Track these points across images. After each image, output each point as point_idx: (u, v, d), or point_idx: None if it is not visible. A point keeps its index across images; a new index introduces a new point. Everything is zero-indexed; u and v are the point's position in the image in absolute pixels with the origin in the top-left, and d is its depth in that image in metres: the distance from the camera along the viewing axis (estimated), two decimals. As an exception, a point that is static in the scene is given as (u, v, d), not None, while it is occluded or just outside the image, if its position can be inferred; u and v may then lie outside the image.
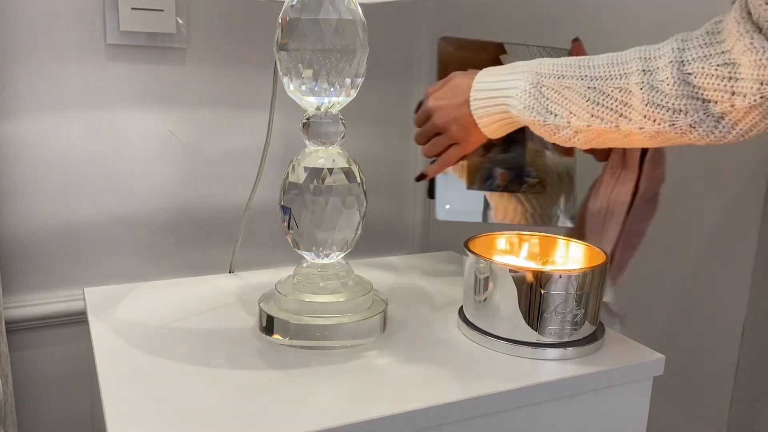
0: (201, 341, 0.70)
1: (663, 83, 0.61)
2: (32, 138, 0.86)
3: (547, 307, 0.66)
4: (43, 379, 0.92)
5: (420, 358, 0.67)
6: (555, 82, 0.69)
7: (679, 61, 0.60)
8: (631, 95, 0.64)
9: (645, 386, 0.70)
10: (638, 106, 0.63)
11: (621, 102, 0.65)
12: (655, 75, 0.62)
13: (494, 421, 0.62)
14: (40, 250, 0.89)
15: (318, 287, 0.71)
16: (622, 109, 0.65)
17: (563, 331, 0.67)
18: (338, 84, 0.66)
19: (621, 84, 0.65)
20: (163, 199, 0.94)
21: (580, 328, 0.67)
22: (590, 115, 0.67)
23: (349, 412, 0.57)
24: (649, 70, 0.63)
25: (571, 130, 0.69)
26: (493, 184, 0.87)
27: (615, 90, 0.65)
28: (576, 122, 0.68)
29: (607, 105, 0.66)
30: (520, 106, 0.71)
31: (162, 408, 0.57)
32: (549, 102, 0.70)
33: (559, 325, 0.66)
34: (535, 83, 0.71)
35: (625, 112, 0.65)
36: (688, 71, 0.59)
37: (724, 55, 0.57)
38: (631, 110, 0.64)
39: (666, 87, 0.61)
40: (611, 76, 0.66)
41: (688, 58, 0.60)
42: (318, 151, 0.69)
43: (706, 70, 0.58)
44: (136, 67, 0.90)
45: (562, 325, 0.66)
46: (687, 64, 0.60)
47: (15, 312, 0.87)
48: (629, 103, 0.64)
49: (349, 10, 0.65)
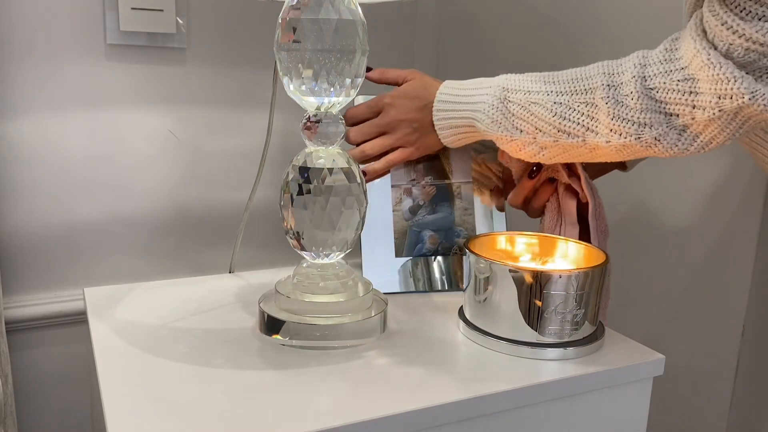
0: (201, 341, 0.70)
1: (627, 98, 0.63)
2: (32, 138, 0.86)
3: (547, 307, 0.66)
4: (43, 379, 0.92)
5: (420, 358, 0.67)
6: (521, 97, 0.70)
7: (642, 76, 0.62)
8: (597, 109, 0.65)
9: (645, 386, 0.70)
10: (604, 120, 0.64)
11: (587, 116, 0.66)
12: (620, 90, 0.63)
13: (494, 422, 0.62)
14: (40, 250, 0.89)
15: (318, 287, 0.71)
16: (589, 123, 0.66)
17: (563, 331, 0.67)
18: (338, 84, 0.66)
19: (587, 99, 0.66)
20: (163, 199, 0.94)
21: (580, 328, 0.67)
22: (557, 130, 0.68)
23: (349, 412, 0.57)
24: (613, 85, 0.64)
25: (537, 146, 0.70)
26: (422, 249, 0.86)
27: (581, 105, 0.66)
28: (542, 138, 0.69)
29: (574, 119, 0.67)
30: (488, 120, 0.72)
31: (162, 408, 0.57)
32: (515, 118, 0.70)
33: (559, 325, 0.66)
34: (502, 98, 0.71)
35: (591, 126, 0.66)
36: (650, 86, 0.61)
37: (683, 71, 0.59)
38: (598, 124, 0.65)
39: (630, 101, 0.62)
40: (576, 90, 0.67)
41: (650, 73, 0.61)
42: (318, 151, 0.69)
43: (667, 85, 0.60)
44: (136, 67, 0.90)
45: (562, 325, 0.66)
46: (649, 80, 0.61)
47: (15, 312, 0.87)
48: (596, 117, 0.65)
49: (349, 10, 0.65)
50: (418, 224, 0.85)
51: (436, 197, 0.86)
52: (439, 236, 0.86)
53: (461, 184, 0.87)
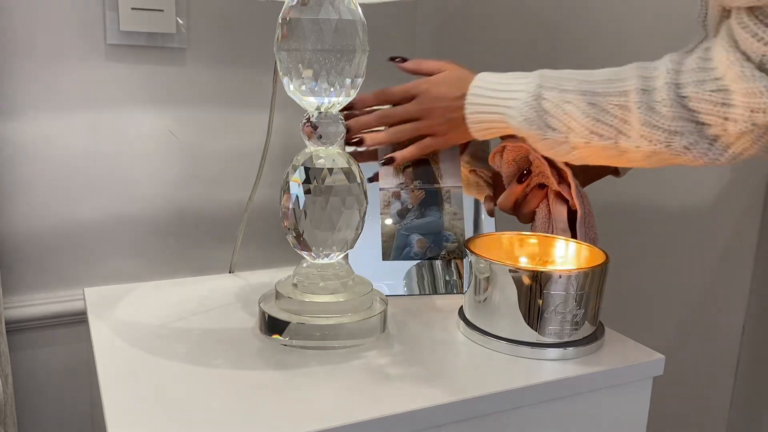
0: (201, 341, 0.70)
1: (660, 104, 0.62)
2: (32, 138, 0.86)
3: (547, 307, 0.66)
4: (43, 380, 0.92)
5: (420, 358, 0.67)
6: (556, 95, 0.68)
7: (675, 83, 0.61)
8: (630, 113, 0.64)
9: (645, 386, 0.70)
10: (636, 125, 0.64)
11: (620, 119, 0.65)
12: (653, 95, 0.62)
13: (494, 422, 0.62)
14: (40, 250, 0.89)
15: (318, 287, 0.71)
16: (622, 126, 0.65)
17: (563, 331, 0.67)
18: (338, 84, 0.66)
19: (620, 101, 0.64)
20: (163, 199, 0.94)
21: (580, 328, 0.67)
22: (590, 131, 0.66)
23: (349, 412, 0.57)
24: (646, 90, 0.63)
25: (569, 146, 0.69)
26: (410, 253, 0.86)
27: (615, 107, 0.65)
28: (574, 138, 0.68)
29: (607, 121, 0.65)
30: (520, 117, 0.70)
31: (162, 408, 0.57)
32: (548, 116, 0.69)
33: (559, 325, 0.66)
34: (536, 95, 0.69)
35: (624, 129, 0.65)
36: (683, 94, 0.60)
37: (717, 81, 0.58)
38: (630, 128, 0.64)
39: (663, 108, 0.61)
40: (611, 92, 0.65)
41: (683, 81, 0.60)
42: (318, 151, 0.69)
43: (700, 95, 0.59)
44: (136, 67, 0.90)
45: (562, 325, 0.66)
46: (682, 88, 0.60)
47: (15, 312, 0.87)
48: (628, 120, 0.64)
49: (349, 10, 0.65)
50: (407, 228, 0.85)
51: (425, 201, 0.86)
52: (427, 240, 0.85)
53: (450, 189, 0.87)
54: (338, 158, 0.69)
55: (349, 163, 0.69)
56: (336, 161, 0.68)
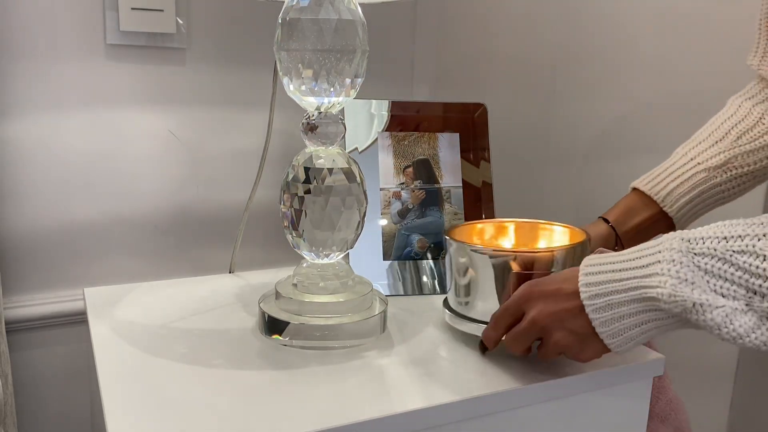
0: (201, 341, 0.70)
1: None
2: (32, 138, 0.86)
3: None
4: (43, 379, 0.92)
5: (420, 359, 0.67)
6: (716, 246, 0.50)
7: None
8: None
9: (645, 386, 0.70)
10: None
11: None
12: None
13: (494, 421, 0.62)
14: (40, 250, 0.89)
15: (318, 287, 0.71)
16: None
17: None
18: (338, 84, 0.66)
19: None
20: (163, 199, 0.94)
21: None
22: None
23: (349, 412, 0.57)
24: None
25: (756, 316, 0.49)
26: (411, 253, 0.85)
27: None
28: (761, 303, 0.48)
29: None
30: (673, 281, 0.50)
31: (162, 408, 0.57)
32: (711, 277, 0.50)
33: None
34: (684, 251, 0.51)
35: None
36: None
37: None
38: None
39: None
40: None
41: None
42: (318, 151, 0.69)
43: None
44: (136, 67, 0.90)
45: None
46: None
47: (15, 312, 0.87)
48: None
49: (349, 10, 0.65)
50: (407, 227, 0.85)
51: (425, 201, 0.86)
52: (428, 240, 0.85)
53: (451, 189, 0.87)
54: (338, 158, 0.69)
55: (349, 163, 0.69)
56: (336, 161, 0.68)
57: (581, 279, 0.56)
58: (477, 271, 0.67)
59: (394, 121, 0.88)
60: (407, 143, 0.88)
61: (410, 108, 0.90)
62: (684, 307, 0.50)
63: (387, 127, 0.88)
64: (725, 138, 0.76)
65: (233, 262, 0.92)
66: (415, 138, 0.88)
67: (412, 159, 0.87)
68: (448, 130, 0.89)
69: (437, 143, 0.89)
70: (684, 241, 0.51)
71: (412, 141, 0.88)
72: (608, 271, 0.54)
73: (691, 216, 0.78)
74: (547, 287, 0.58)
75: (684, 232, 0.52)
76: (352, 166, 0.70)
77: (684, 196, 0.76)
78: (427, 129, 0.89)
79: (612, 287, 0.54)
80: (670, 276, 0.50)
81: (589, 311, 0.55)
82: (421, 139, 0.88)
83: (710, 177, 0.76)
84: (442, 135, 0.89)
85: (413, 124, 0.89)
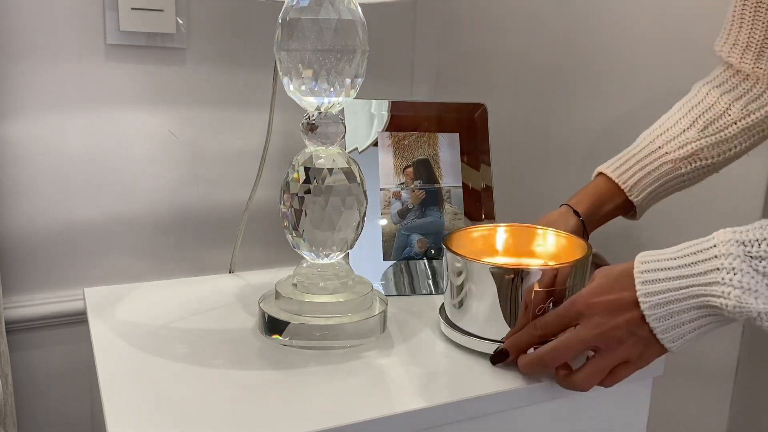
0: (201, 341, 0.70)
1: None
2: (32, 138, 0.86)
3: (537, 304, 0.64)
4: (43, 380, 0.92)
5: (420, 359, 0.67)
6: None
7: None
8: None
9: (645, 386, 0.70)
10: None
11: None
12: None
13: (494, 421, 0.62)
14: (40, 250, 0.89)
15: (318, 287, 0.71)
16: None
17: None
18: (338, 84, 0.66)
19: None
20: (163, 199, 0.94)
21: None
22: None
23: (349, 412, 0.57)
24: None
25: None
26: (411, 253, 0.85)
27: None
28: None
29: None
30: (737, 291, 0.50)
31: (162, 408, 0.57)
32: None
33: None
34: (742, 256, 0.51)
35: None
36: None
37: None
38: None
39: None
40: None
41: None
42: (318, 151, 0.69)
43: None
44: (136, 67, 0.90)
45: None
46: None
47: (15, 312, 0.87)
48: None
49: (349, 10, 0.65)
50: (407, 227, 0.85)
51: (425, 201, 0.86)
52: (428, 240, 0.85)
53: (451, 189, 0.87)
54: (338, 158, 0.69)
55: (349, 163, 0.69)
56: (336, 161, 0.68)
57: (639, 288, 0.55)
58: (481, 287, 0.66)
59: (394, 121, 0.88)
60: (407, 143, 0.88)
61: (410, 108, 0.90)
62: (749, 316, 0.50)
63: (387, 127, 0.88)
64: (692, 127, 0.76)
65: (233, 262, 0.92)
66: (415, 138, 0.88)
67: (412, 159, 0.87)
68: (448, 130, 0.89)
69: (437, 143, 0.89)
70: (740, 245, 0.51)
71: (412, 141, 0.88)
72: (666, 279, 0.54)
73: (651, 202, 0.80)
74: (607, 297, 0.57)
75: (737, 234, 0.52)
76: (352, 166, 0.70)
77: (649, 186, 0.78)
78: (427, 129, 0.89)
79: (672, 296, 0.54)
80: (732, 286, 0.50)
81: (650, 321, 0.55)
82: (421, 139, 0.88)
83: (675, 168, 0.77)
84: (442, 135, 0.89)
85: (413, 124, 0.89)
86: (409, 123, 0.88)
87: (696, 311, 0.53)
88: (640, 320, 0.55)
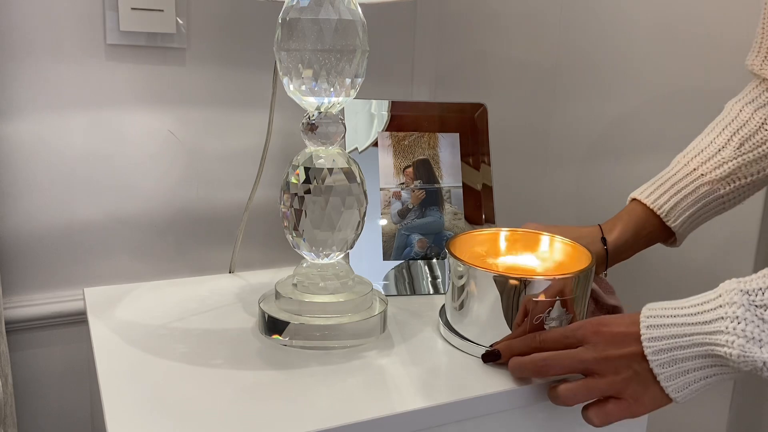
0: (201, 341, 0.70)
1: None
2: (32, 138, 0.86)
3: (535, 314, 0.64)
4: (43, 380, 0.91)
5: (420, 359, 0.67)
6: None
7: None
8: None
9: (645, 386, 0.70)
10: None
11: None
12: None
13: (495, 422, 0.62)
14: (40, 250, 0.89)
15: (318, 287, 0.71)
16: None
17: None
18: (338, 84, 0.66)
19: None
20: (163, 199, 0.94)
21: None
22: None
23: (349, 412, 0.57)
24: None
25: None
26: (411, 253, 0.85)
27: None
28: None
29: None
30: (741, 341, 0.50)
31: (162, 408, 0.57)
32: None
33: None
34: (747, 305, 0.51)
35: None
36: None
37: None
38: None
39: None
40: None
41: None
42: (318, 151, 0.69)
43: None
44: (136, 67, 0.90)
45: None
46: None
47: (15, 312, 0.87)
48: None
49: (349, 10, 0.65)
50: (407, 227, 0.85)
51: (425, 201, 0.86)
52: (428, 240, 0.85)
53: (451, 189, 0.87)
54: (338, 158, 0.69)
55: (349, 163, 0.69)
56: (336, 161, 0.68)
57: (643, 333, 0.55)
58: (483, 293, 0.66)
59: (394, 121, 0.88)
60: (407, 143, 0.88)
61: (410, 108, 0.90)
62: (754, 366, 0.50)
63: (387, 127, 0.88)
64: (727, 146, 0.73)
65: (233, 262, 0.92)
66: (415, 138, 0.88)
67: (412, 159, 0.87)
68: (448, 131, 0.89)
69: (437, 143, 0.89)
70: (744, 294, 0.51)
71: (412, 141, 0.88)
72: (671, 325, 0.54)
73: (692, 227, 0.77)
74: (615, 329, 0.57)
75: (742, 284, 0.52)
76: (352, 166, 0.70)
77: (687, 209, 0.75)
78: (427, 129, 0.89)
79: (676, 342, 0.54)
80: (736, 335, 0.50)
81: (653, 366, 0.55)
82: (421, 139, 0.88)
83: (714, 189, 0.74)
84: (442, 135, 0.89)
85: (413, 124, 0.89)
86: (409, 123, 0.89)
87: (701, 360, 0.53)
88: (641, 356, 0.55)
